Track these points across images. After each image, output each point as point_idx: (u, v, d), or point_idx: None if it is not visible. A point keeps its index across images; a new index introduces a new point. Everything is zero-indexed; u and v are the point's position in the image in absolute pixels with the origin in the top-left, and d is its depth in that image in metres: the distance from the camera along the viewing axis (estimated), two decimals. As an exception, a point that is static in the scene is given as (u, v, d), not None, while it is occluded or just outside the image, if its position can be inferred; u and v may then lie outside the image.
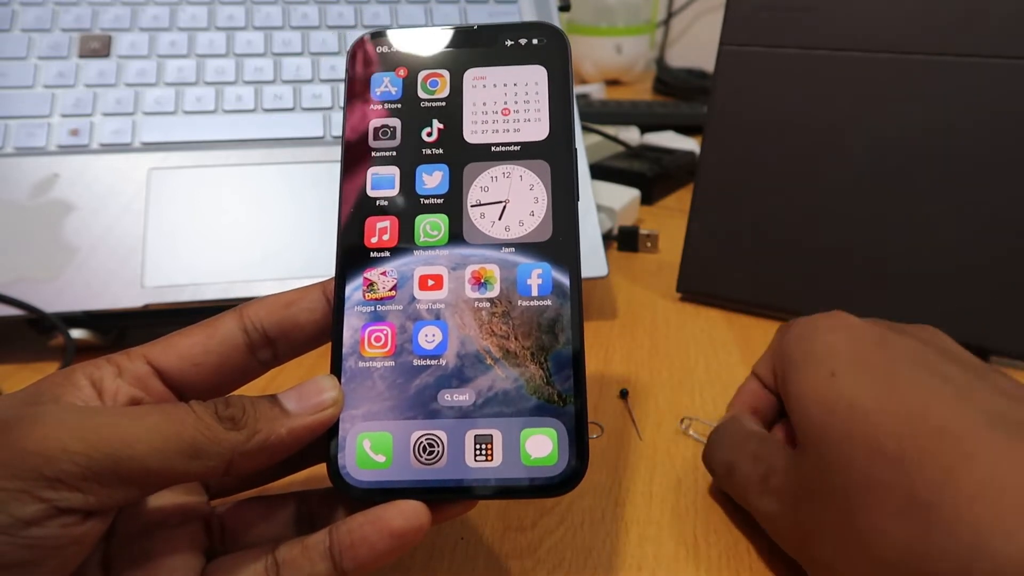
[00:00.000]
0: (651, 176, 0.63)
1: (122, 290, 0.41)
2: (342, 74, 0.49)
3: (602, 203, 0.55)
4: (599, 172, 0.63)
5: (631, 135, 0.75)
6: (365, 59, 0.28)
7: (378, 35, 0.28)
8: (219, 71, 0.48)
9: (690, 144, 0.72)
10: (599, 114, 0.81)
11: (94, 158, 0.44)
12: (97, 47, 0.47)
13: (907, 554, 0.21)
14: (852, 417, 0.24)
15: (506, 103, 0.27)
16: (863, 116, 0.40)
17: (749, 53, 0.42)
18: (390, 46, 0.28)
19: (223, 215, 0.43)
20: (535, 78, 0.27)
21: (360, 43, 0.28)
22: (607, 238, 0.55)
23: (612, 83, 1.06)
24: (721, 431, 0.31)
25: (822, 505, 0.24)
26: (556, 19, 0.53)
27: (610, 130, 0.70)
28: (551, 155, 0.26)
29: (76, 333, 0.40)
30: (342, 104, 0.26)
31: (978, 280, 0.39)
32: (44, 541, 0.18)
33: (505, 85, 0.27)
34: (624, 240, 0.55)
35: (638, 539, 0.30)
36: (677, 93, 0.97)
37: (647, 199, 0.62)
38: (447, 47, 0.28)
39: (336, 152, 0.46)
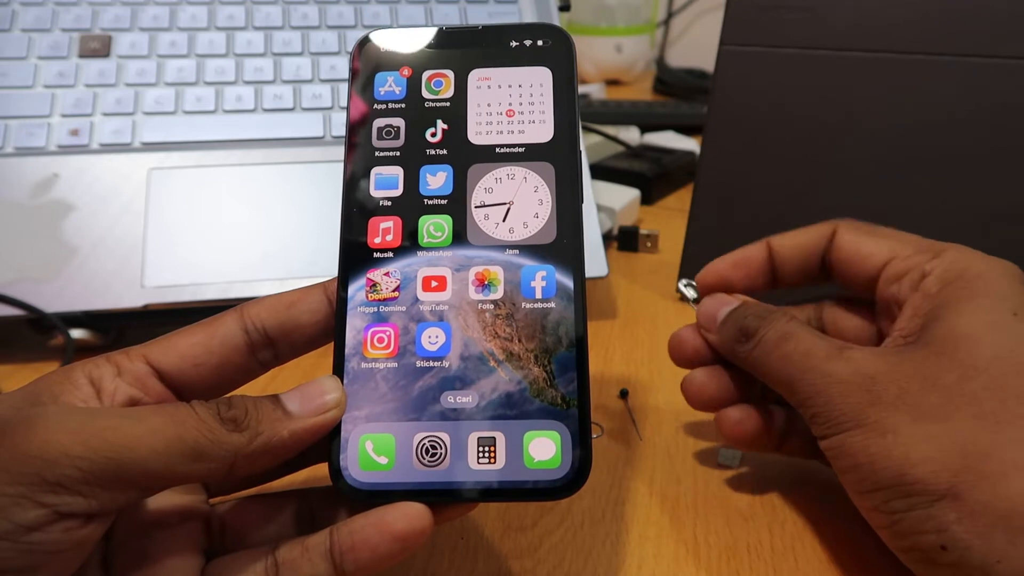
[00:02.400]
0: (651, 176, 0.63)
1: (122, 290, 0.41)
2: (342, 74, 0.49)
3: (602, 203, 0.55)
4: (599, 172, 0.63)
5: (631, 135, 0.75)
6: (369, 58, 0.28)
7: (382, 34, 0.28)
8: (219, 71, 0.48)
9: (690, 144, 0.72)
10: (599, 114, 0.81)
11: (94, 158, 0.44)
12: (97, 47, 0.47)
13: None
14: None
15: (511, 104, 0.27)
16: (863, 115, 0.40)
17: (749, 53, 0.42)
18: (394, 46, 0.28)
19: (223, 215, 0.43)
20: (540, 80, 0.27)
21: (364, 42, 0.28)
22: (607, 238, 0.55)
23: (612, 83, 1.06)
24: (764, 309, 0.30)
25: (950, 411, 0.24)
26: (556, 19, 0.53)
27: (610, 130, 0.70)
28: (556, 157, 0.26)
29: (76, 333, 0.40)
30: (345, 103, 0.26)
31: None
32: (46, 546, 0.18)
33: (510, 86, 0.27)
34: (624, 240, 0.55)
35: (638, 539, 0.30)
36: (677, 93, 0.97)
37: (647, 199, 0.62)
38: (452, 47, 0.28)
39: (337, 152, 0.46)
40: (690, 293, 0.34)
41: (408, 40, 0.28)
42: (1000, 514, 0.22)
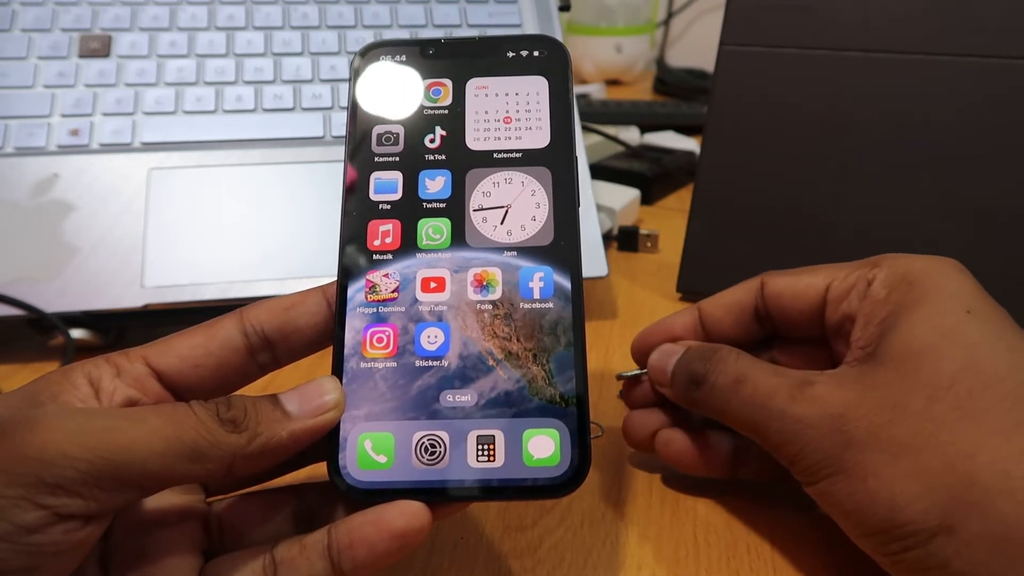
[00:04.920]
0: (651, 176, 0.63)
1: (122, 290, 0.41)
2: (342, 74, 0.49)
3: (602, 203, 0.55)
4: (599, 172, 0.63)
5: (631, 135, 0.75)
6: (369, 67, 0.28)
7: (382, 44, 0.28)
8: (219, 71, 0.48)
9: (690, 144, 0.72)
10: (599, 114, 0.81)
11: (94, 158, 0.44)
12: (97, 47, 0.47)
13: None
14: (994, 354, 0.24)
15: (508, 112, 0.27)
16: (863, 115, 0.40)
17: (749, 53, 0.42)
18: (394, 55, 0.28)
19: (223, 215, 0.43)
20: (536, 88, 0.27)
21: (365, 51, 0.28)
22: (607, 238, 0.55)
23: (612, 83, 1.06)
24: (708, 349, 0.30)
25: (915, 428, 0.23)
26: (556, 19, 0.53)
27: (610, 130, 0.70)
28: (552, 162, 0.26)
29: (76, 333, 0.40)
30: (346, 108, 0.27)
31: (983, 280, 0.39)
32: (45, 547, 0.18)
33: (507, 95, 0.27)
34: (624, 240, 0.55)
35: (638, 539, 0.30)
36: (677, 93, 0.97)
37: (647, 199, 0.62)
38: (450, 58, 0.28)
39: (337, 152, 0.46)
40: (632, 372, 0.34)
41: (408, 50, 0.28)
42: (996, 540, 0.22)
